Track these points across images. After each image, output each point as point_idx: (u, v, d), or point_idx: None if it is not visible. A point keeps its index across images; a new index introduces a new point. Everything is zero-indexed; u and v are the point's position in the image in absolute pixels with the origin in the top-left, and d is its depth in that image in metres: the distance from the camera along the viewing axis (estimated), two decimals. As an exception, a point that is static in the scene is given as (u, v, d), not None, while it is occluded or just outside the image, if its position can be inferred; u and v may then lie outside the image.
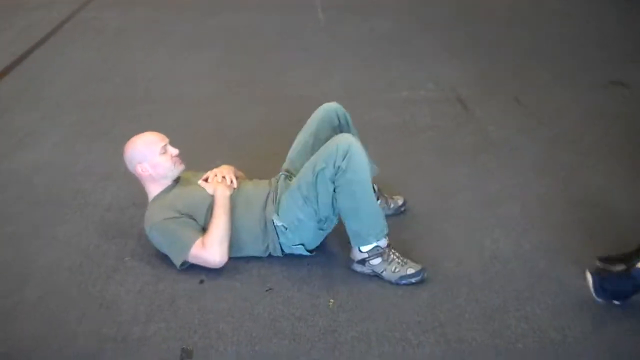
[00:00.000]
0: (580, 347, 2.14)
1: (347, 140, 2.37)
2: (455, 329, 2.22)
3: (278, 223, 2.49)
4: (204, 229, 2.51)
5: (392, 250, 2.47)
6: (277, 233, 2.51)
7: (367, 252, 2.45)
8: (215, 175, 2.65)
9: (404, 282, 2.43)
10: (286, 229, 2.49)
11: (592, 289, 2.26)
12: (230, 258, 2.49)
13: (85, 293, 2.42)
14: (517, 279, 2.48)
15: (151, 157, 2.56)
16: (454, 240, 2.75)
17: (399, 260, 2.45)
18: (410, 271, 2.44)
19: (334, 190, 2.38)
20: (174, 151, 2.61)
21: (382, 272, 2.46)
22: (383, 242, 2.46)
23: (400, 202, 2.94)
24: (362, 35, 5.93)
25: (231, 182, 2.63)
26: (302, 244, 2.53)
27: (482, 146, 3.62)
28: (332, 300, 2.38)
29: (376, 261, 2.45)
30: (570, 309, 2.31)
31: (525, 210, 2.96)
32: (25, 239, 2.77)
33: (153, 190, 2.63)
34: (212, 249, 2.43)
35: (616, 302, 2.28)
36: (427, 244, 2.72)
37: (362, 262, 2.48)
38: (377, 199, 2.76)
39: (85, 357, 2.12)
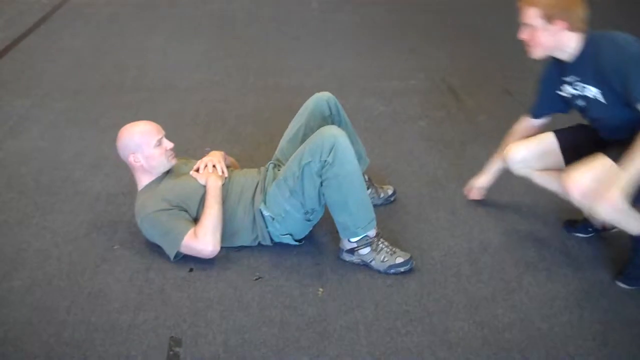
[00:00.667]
0: (567, 337, 2.16)
1: (333, 134, 2.33)
2: (443, 318, 2.24)
3: (265, 213, 2.49)
4: (196, 220, 2.50)
5: (381, 240, 2.48)
6: (265, 222, 2.51)
7: (356, 241, 2.45)
8: (206, 166, 2.65)
9: (392, 271, 2.44)
10: (273, 219, 2.49)
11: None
12: (222, 248, 2.49)
13: (74, 282, 2.42)
14: (506, 269, 2.50)
15: (145, 148, 2.53)
16: (443, 229, 2.75)
17: (388, 250, 2.46)
18: (399, 260, 2.45)
19: (321, 184, 2.36)
20: (169, 145, 2.59)
21: (371, 262, 2.46)
22: (372, 232, 2.46)
23: (390, 192, 2.95)
24: (354, 25, 5.91)
25: (222, 172, 2.63)
26: (290, 234, 2.54)
27: (473, 136, 3.63)
28: (321, 289, 2.39)
29: (365, 251, 2.46)
30: (557, 298, 2.33)
31: (514, 200, 2.97)
32: (15, 228, 2.76)
33: (143, 180, 2.61)
34: (204, 239, 2.42)
35: None
36: (416, 233, 2.73)
37: (351, 251, 2.48)
38: (368, 189, 2.77)
39: (74, 345, 2.12)
